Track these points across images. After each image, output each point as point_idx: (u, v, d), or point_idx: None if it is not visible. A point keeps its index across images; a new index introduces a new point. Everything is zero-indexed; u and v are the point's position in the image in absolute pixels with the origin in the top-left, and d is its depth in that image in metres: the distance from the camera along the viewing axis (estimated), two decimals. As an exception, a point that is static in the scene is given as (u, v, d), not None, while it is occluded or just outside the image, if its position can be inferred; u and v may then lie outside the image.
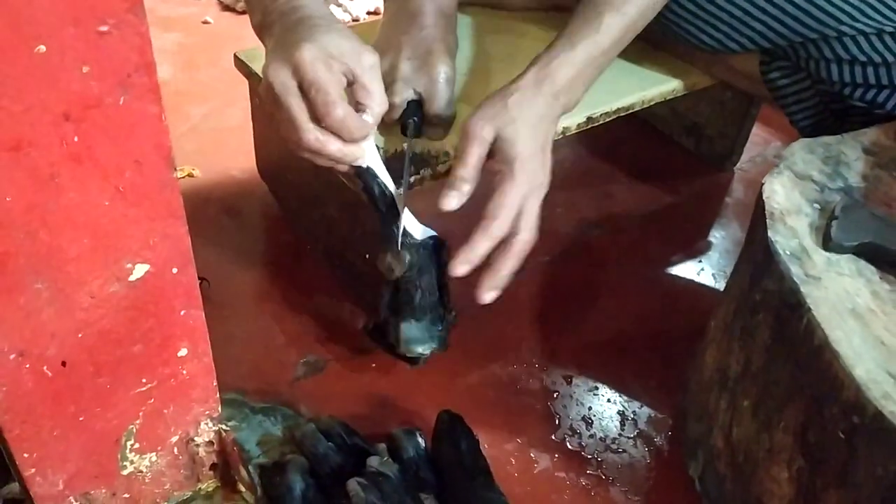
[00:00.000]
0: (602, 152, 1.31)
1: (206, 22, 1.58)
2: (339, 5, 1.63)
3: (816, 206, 0.72)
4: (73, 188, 0.50)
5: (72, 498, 0.65)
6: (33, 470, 0.61)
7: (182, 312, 0.62)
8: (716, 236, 1.17)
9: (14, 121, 0.46)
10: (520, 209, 0.73)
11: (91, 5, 0.45)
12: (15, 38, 0.43)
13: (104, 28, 0.46)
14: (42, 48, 0.45)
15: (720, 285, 1.07)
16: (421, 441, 0.77)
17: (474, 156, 0.73)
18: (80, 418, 0.61)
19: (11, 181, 0.47)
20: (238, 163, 1.19)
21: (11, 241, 0.49)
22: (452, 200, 0.73)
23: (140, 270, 0.57)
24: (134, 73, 0.49)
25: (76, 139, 0.49)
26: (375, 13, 1.67)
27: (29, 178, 0.48)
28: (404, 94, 0.81)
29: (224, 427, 0.71)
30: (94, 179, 0.51)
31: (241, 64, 0.95)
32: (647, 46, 1.00)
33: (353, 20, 1.62)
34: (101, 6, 0.45)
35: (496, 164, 0.74)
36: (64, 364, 0.57)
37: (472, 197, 0.75)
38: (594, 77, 0.82)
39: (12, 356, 0.54)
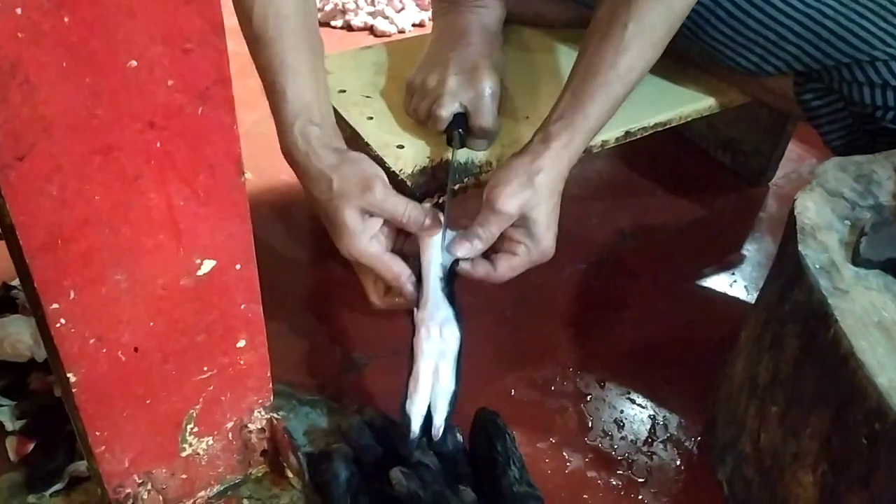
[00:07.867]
0: (639, 165, 1.33)
1: (257, 31, 1.62)
2: (386, 17, 1.68)
3: (847, 222, 0.74)
4: (153, 189, 0.55)
5: (135, 475, 0.69)
6: (103, 447, 0.65)
7: (242, 306, 0.67)
8: (749, 249, 1.18)
9: (106, 128, 0.50)
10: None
11: (178, 26, 0.50)
12: (110, 55, 0.48)
13: (189, 46, 0.51)
14: (133, 63, 0.49)
15: (751, 297, 1.08)
16: (459, 436, 0.80)
17: (495, 227, 0.75)
18: (148, 401, 0.65)
19: (101, 182, 0.52)
20: (287, 167, 1.23)
21: (97, 236, 0.54)
22: (463, 249, 0.75)
23: (207, 266, 0.62)
24: (212, 85, 0.53)
25: (159, 145, 0.53)
26: (420, 25, 1.71)
27: (116, 179, 0.53)
28: (451, 108, 0.84)
29: (275, 416, 0.76)
30: (173, 182, 0.56)
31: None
32: (685, 65, 1.02)
33: (399, 31, 1.67)
34: (186, 27, 0.50)
35: (518, 235, 0.76)
36: (136, 350, 0.62)
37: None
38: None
39: (92, 341, 0.58)
